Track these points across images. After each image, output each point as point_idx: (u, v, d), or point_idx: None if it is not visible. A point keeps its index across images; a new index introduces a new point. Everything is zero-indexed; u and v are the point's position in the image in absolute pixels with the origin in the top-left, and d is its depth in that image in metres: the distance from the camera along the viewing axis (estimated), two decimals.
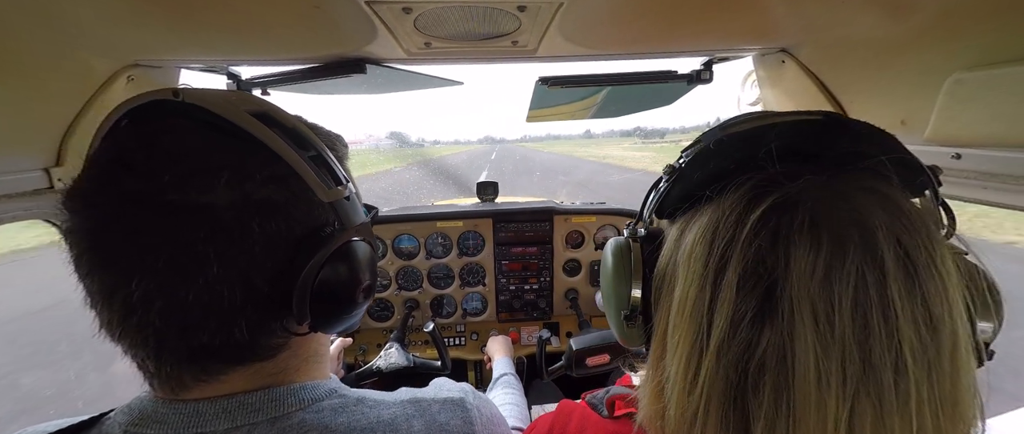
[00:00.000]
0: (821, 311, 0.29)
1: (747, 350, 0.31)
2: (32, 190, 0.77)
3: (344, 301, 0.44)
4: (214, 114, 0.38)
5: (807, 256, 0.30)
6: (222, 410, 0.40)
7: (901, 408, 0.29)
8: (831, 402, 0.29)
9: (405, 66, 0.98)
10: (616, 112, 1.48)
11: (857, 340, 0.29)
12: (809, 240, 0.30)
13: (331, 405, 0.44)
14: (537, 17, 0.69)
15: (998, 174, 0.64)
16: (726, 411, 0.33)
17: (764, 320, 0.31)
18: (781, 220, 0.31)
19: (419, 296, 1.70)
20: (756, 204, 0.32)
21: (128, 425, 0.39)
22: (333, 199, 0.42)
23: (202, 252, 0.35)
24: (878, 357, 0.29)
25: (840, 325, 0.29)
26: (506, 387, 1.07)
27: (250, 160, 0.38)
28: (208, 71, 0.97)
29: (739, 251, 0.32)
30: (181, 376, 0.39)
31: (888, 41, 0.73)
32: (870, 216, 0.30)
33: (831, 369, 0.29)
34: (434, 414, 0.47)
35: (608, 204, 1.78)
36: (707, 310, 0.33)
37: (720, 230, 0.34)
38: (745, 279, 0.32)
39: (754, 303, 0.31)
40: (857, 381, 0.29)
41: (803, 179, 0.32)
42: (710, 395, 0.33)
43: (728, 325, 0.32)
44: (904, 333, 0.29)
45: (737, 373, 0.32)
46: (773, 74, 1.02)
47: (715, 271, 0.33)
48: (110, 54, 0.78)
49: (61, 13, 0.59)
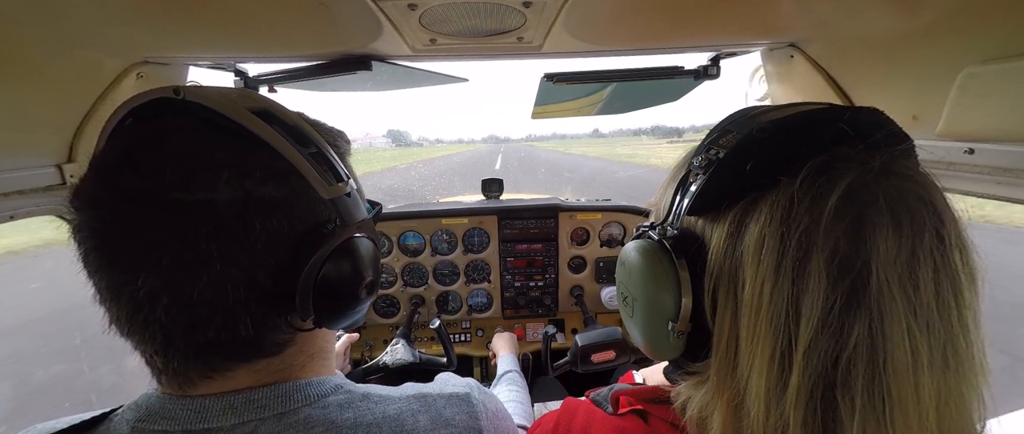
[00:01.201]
0: (909, 289, 0.30)
1: (838, 342, 0.30)
2: (45, 186, 0.79)
3: (347, 297, 0.44)
4: (215, 112, 0.38)
5: (892, 237, 0.30)
6: (228, 406, 0.40)
7: (968, 372, 0.31)
8: (924, 379, 0.29)
9: (410, 63, 0.98)
10: (622, 108, 1.47)
11: (938, 313, 0.30)
12: (891, 222, 0.30)
13: (337, 401, 0.44)
14: (542, 13, 0.69)
15: (1012, 169, 0.62)
16: (815, 414, 0.31)
17: (854, 307, 0.30)
18: (861, 203, 0.31)
19: (425, 292, 1.71)
20: (830, 188, 0.31)
21: (136, 421, 0.40)
22: (334, 196, 0.42)
23: (205, 249, 0.35)
24: (956, 329, 0.30)
25: (926, 303, 0.30)
26: (510, 384, 1.07)
27: (251, 158, 0.38)
28: (216, 68, 0.98)
29: (821, 238, 0.30)
30: (188, 372, 0.40)
31: (899, 35, 0.72)
32: (933, 196, 0.32)
33: (921, 345, 0.30)
34: (440, 409, 0.47)
35: (612, 200, 1.78)
36: (791, 304, 0.31)
37: (795, 218, 0.31)
38: (832, 265, 0.30)
39: (844, 290, 0.30)
40: (943, 352, 0.30)
41: (876, 163, 0.32)
42: (802, 398, 0.31)
43: (821, 316, 0.30)
44: (968, 302, 0.31)
45: (827, 369, 0.30)
46: (782, 69, 1.00)
47: (796, 262, 0.31)
48: (119, 52, 0.79)
49: (71, 12, 0.60)
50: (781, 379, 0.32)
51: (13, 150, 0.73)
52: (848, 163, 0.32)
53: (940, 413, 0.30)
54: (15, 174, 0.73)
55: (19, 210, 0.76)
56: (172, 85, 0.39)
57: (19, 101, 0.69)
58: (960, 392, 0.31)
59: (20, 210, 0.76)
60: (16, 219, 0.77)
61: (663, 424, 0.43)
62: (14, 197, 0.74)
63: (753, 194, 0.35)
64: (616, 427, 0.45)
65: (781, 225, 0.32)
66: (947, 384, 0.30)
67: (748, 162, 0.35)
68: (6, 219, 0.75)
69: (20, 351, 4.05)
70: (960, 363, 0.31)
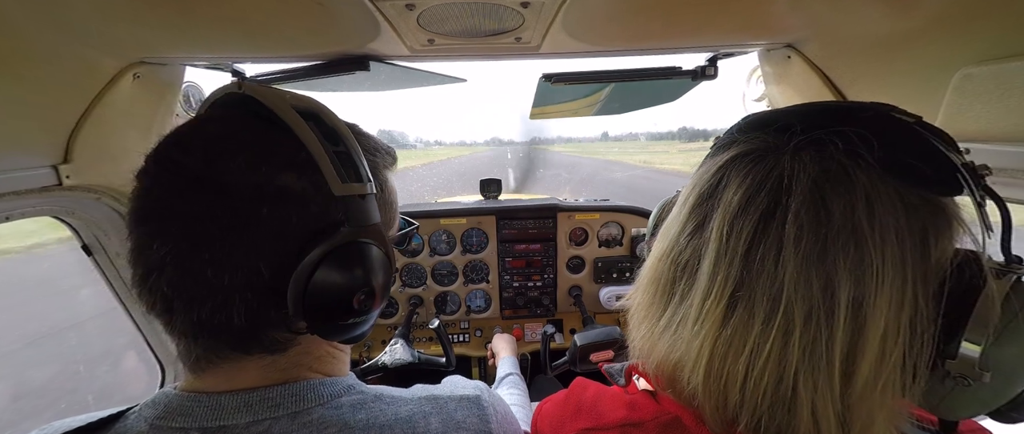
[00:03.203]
0: (726, 232, 0.39)
1: (679, 251, 0.43)
2: (41, 187, 0.78)
3: (339, 304, 0.41)
4: (259, 103, 0.41)
5: (733, 189, 0.39)
6: (243, 404, 0.40)
7: (779, 333, 0.36)
8: (714, 291, 0.39)
9: (408, 63, 0.98)
10: (620, 109, 1.47)
11: (743, 258, 0.37)
12: (739, 178, 0.40)
13: (350, 401, 0.44)
14: (540, 13, 0.69)
15: (1008, 169, 0.63)
16: (662, 292, 0.45)
17: (698, 231, 0.42)
18: (731, 164, 0.41)
19: (423, 293, 1.71)
20: (723, 153, 0.43)
21: (154, 418, 0.40)
22: (347, 193, 0.41)
23: (212, 228, 0.37)
24: (756, 279, 0.37)
25: (734, 244, 0.38)
26: (511, 387, 1.07)
27: (276, 145, 0.40)
28: (213, 68, 0.98)
29: (696, 183, 0.44)
30: (192, 352, 0.41)
31: (895, 36, 0.72)
32: (800, 171, 0.37)
33: (719, 272, 0.39)
34: (451, 412, 0.48)
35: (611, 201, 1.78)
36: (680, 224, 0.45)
37: (707, 168, 0.44)
38: (697, 199, 0.43)
39: (696, 220, 0.42)
40: (734, 285, 0.38)
41: (764, 141, 0.41)
42: (650, 282, 0.46)
43: (678, 232, 0.44)
44: (784, 258, 0.36)
45: (673, 268, 0.43)
46: (779, 70, 1.01)
47: (690, 196, 0.44)
48: (116, 52, 0.79)
49: (66, 12, 0.60)
50: (654, 272, 0.46)
51: (9, 151, 0.73)
52: (756, 143, 0.41)
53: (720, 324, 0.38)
54: (11, 175, 0.73)
55: (15, 211, 0.76)
56: (236, 80, 0.41)
57: (15, 101, 0.69)
58: (750, 332, 0.37)
59: (16, 211, 0.76)
60: (12, 220, 0.76)
61: (672, 400, 0.44)
62: (10, 198, 0.73)
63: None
64: (627, 403, 0.47)
65: (696, 177, 0.46)
66: (737, 313, 0.37)
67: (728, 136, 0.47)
68: (1, 220, 0.75)
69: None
70: (755, 308, 0.37)
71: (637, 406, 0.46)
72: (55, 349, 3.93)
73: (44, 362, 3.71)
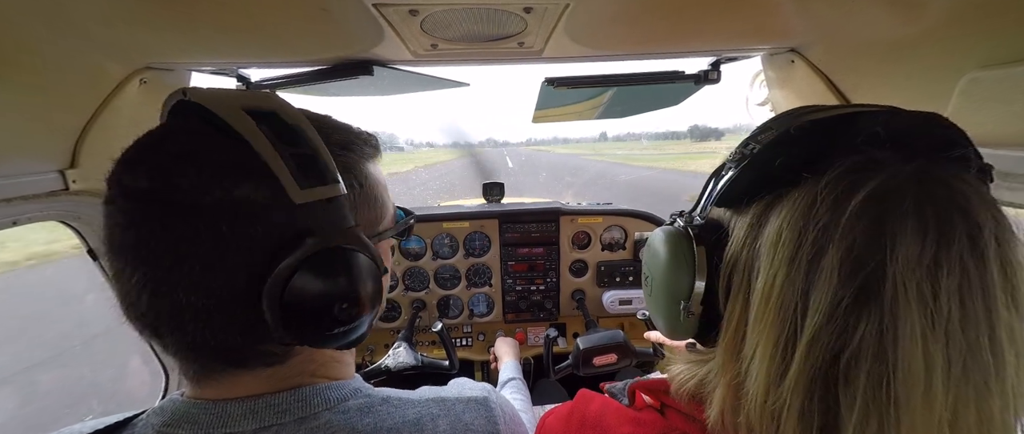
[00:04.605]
0: (928, 296, 0.29)
1: (841, 337, 0.30)
2: (48, 192, 0.79)
3: (322, 315, 0.39)
4: (209, 112, 0.38)
5: (914, 241, 0.30)
6: (249, 411, 0.40)
7: (1000, 389, 0.30)
8: (938, 387, 0.29)
9: (412, 68, 0.98)
10: (622, 112, 1.47)
11: (961, 325, 0.29)
12: (915, 225, 0.30)
13: (357, 405, 0.44)
14: (543, 18, 0.69)
15: (1014, 174, 0.62)
16: (812, 402, 0.32)
17: (863, 307, 0.30)
18: (885, 204, 0.30)
19: (426, 297, 1.71)
20: (856, 188, 0.31)
21: (161, 426, 0.40)
22: (308, 200, 0.38)
23: (185, 251, 0.35)
24: (982, 342, 0.29)
25: (946, 310, 0.29)
26: (514, 392, 1.07)
27: (232, 157, 0.37)
28: (219, 74, 0.99)
29: (839, 235, 0.31)
30: (189, 367, 0.40)
31: (900, 40, 0.72)
32: (970, 204, 0.30)
33: (937, 354, 0.29)
34: (459, 413, 0.47)
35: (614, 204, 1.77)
36: (800, 297, 0.32)
37: (815, 214, 0.32)
38: (845, 263, 0.30)
39: (854, 288, 0.30)
40: (962, 365, 0.29)
41: (910, 167, 0.31)
42: (800, 387, 0.32)
43: (826, 312, 0.31)
44: (1001, 317, 0.30)
45: (827, 363, 0.31)
46: (782, 74, 1.01)
47: (810, 257, 0.32)
48: (122, 58, 0.79)
49: (74, 18, 0.61)
50: (782, 366, 0.32)
51: (16, 155, 0.74)
52: (881, 165, 0.32)
53: (956, 422, 0.30)
54: (19, 179, 0.74)
55: (22, 215, 0.76)
56: (181, 87, 0.40)
57: (23, 107, 0.70)
58: (982, 409, 0.30)
59: (24, 215, 0.76)
60: (19, 225, 0.77)
61: (679, 417, 0.43)
62: (17, 202, 0.74)
63: (779, 190, 0.35)
64: (632, 418, 0.46)
65: (801, 220, 0.33)
66: (966, 398, 0.29)
67: (778, 158, 0.36)
68: (8, 225, 0.76)
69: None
70: (986, 380, 0.30)
71: (643, 422, 0.45)
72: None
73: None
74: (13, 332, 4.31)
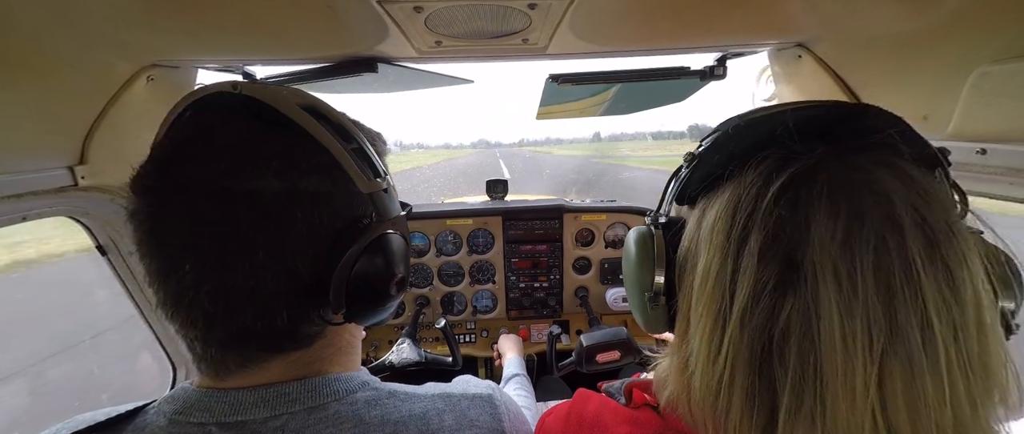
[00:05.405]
0: (843, 273, 0.30)
1: (770, 317, 0.32)
2: (57, 188, 0.80)
3: (378, 292, 0.44)
4: (266, 106, 0.40)
5: (827, 221, 0.31)
6: (261, 399, 0.41)
7: (932, 368, 0.29)
8: (858, 363, 0.30)
9: (416, 65, 0.98)
10: (627, 109, 1.47)
11: (881, 301, 0.30)
12: (828, 206, 0.31)
13: (365, 397, 0.45)
14: (548, 15, 0.69)
15: None
16: (751, 380, 0.33)
17: (787, 287, 0.32)
18: (800, 190, 0.33)
19: (429, 293, 1.72)
20: (776, 176, 0.34)
21: (173, 413, 0.41)
22: (372, 191, 0.43)
23: (250, 238, 0.37)
24: (903, 317, 0.29)
25: (863, 287, 0.30)
26: (518, 388, 1.07)
27: (297, 150, 0.40)
28: (224, 71, 0.99)
29: (760, 220, 0.33)
30: (225, 360, 0.41)
31: (910, 34, 0.71)
32: (884, 184, 0.32)
33: (856, 330, 0.30)
34: (464, 409, 0.48)
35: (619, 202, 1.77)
36: (730, 280, 0.34)
37: (742, 203, 0.35)
38: (767, 247, 0.33)
39: (776, 270, 0.32)
40: (884, 341, 0.29)
41: (819, 152, 0.33)
42: (735, 364, 0.33)
43: (751, 292, 0.33)
44: (927, 292, 0.30)
45: (761, 341, 0.33)
46: (789, 69, 1.00)
47: (738, 242, 0.34)
48: (129, 55, 0.80)
49: (82, 16, 0.61)
50: (717, 342, 0.35)
51: (26, 152, 0.74)
52: (798, 155, 0.34)
53: (884, 399, 0.30)
54: (28, 176, 0.75)
55: (31, 212, 0.77)
56: (230, 81, 0.41)
57: (31, 104, 0.70)
58: (911, 386, 0.29)
59: (32, 212, 0.77)
60: (28, 220, 0.78)
61: (679, 420, 0.43)
62: (28, 198, 0.75)
63: (718, 184, 0.38)
64: (629, 418, 0.46)
65: (731, 209, 0.36)
66: (891, 373, 0.29)
67: (717, 155, 0.39)
68: (18, 220, 0.77)
69: None
70: (912, 357, 0.29)
71: (640, 421, 0.45)
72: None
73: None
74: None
